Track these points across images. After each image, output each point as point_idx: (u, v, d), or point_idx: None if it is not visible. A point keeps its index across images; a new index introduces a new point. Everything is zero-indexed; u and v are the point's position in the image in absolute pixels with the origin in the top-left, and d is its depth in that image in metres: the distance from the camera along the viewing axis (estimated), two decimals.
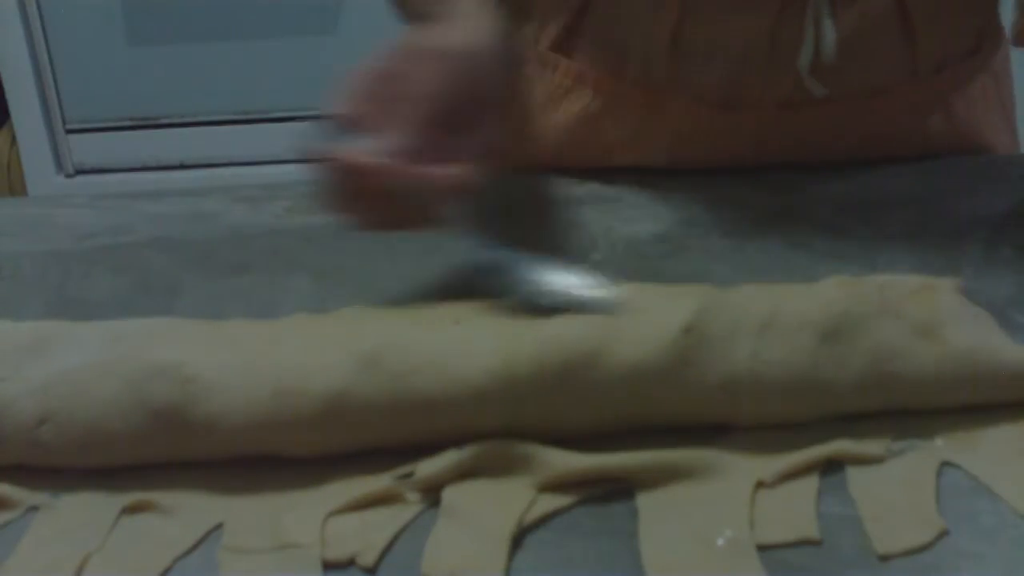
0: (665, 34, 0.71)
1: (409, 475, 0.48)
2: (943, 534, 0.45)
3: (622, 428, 0.50)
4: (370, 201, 0.53)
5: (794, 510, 0.46)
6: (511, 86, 0.63)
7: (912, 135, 0.76)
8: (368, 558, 0.45)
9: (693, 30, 0.71)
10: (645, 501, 0.47)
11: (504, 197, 0.58)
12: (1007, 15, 0.73)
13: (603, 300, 0.51)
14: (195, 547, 0.46)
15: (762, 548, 0.44)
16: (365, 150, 0.52)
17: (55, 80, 2.13)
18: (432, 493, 0.48)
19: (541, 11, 0.78)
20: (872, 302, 0.52)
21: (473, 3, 0.61)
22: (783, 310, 0.51)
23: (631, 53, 0.74)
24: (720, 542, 0.45)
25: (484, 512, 0.46)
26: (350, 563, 0.45)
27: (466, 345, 0.49)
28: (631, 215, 0.71)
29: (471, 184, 0.54)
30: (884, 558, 0.44)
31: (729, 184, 0.74)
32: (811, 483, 0.48)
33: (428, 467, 0.48)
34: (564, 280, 0.54)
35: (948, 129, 0.77)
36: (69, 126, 2.16)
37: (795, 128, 0.74)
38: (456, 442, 0.49)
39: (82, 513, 0.48)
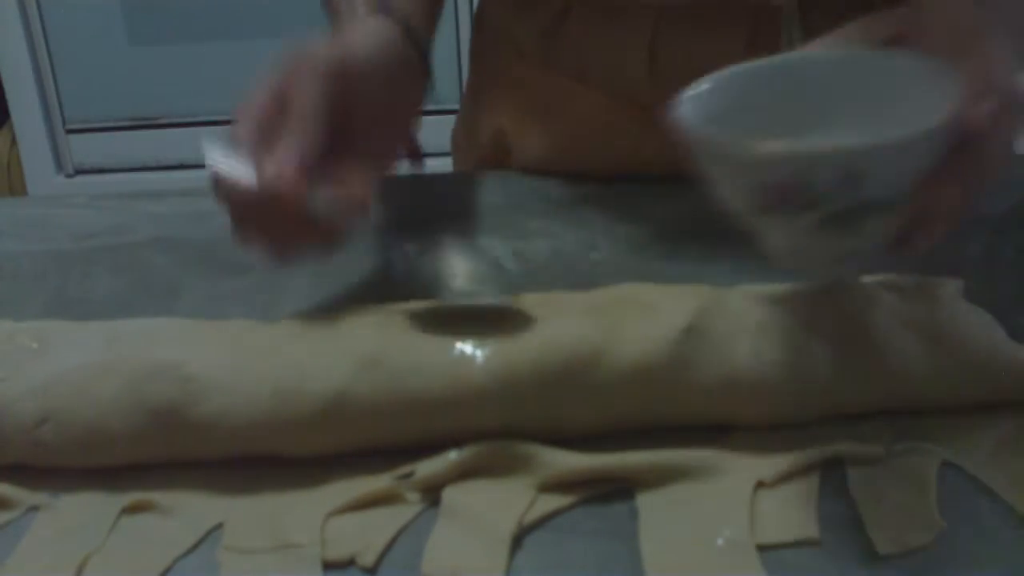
0: (641, 52, 0.71)
1: (409, 475, 0.48)
2: (943, 534, 0.45)
3: (622, 428, 0.50)
4: (272, 229, 0.53)
5: (794, 510, 0.46)
6: (407, 92, 0.62)
7: None
8: (368, 558, 0.45)
9: (668, 48, 0.71)
10: (645, 501, 0.47)
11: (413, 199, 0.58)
12: None
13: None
14: (195, 547, 0.46)
15: (762, 548, 0.44)
16: (257, 176, 0.51)
17: (55, 80, 2.13)
18: (432, 493, 0.48)
19: (514, 30, 0.77)
20: (872, 302, 0.52)
21: (373, 21, 0.60)
22: (783, 310, 0.51)
23: (609, 70, 0.73)
24: (720, 542, 0.45)
25: (484, 512, 0.46)
26: (350, 563, 0.45)
27: (466, 345, 0.49)
28: (631, 215, 0.71)
29: (366, 199, 0.53)
30: (884, 558, 0.44)
31: None
32: (811, 483, 0.48)
33: (428, 467, 0.48)
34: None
35: None
36: (69, 126, 2.16)
37: None
38: (456, 442, 0.49)
39: (82, 513, 0.48)
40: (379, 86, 0.57)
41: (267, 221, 0.52)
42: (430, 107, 0.65)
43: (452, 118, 0.89)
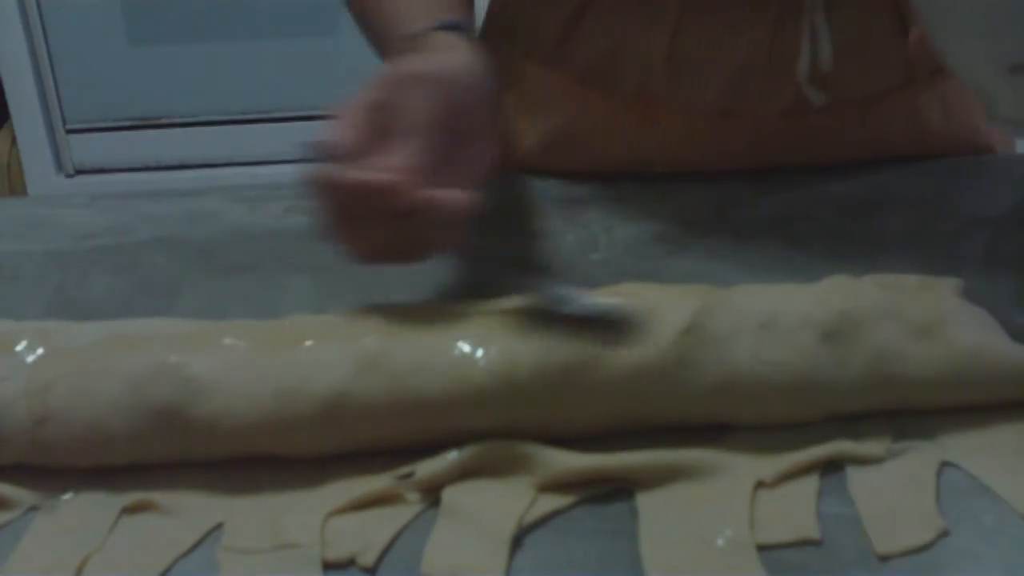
0: (662, 46, 0.71)
1: (409, 475, 0.48)
2: (943, 534, 0.45)
3: (622, 428, 0.50)
4: (375, 226, 0.52)
5: (794, 510, 0.46)
6: (497, 106, 0.62)
7: (912, 137, 0.76)
8: (368, 558, 0.45)
9: (690, 42, 0.71)
10: (645, 501, 0.47)
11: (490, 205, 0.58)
12: None
13: (618, 308, 0.50)
14: (195, 547, 0.46)
15: (762, 548, 0.44)
16: (371, 170, 0.51)
17: (55, 80, 2.13)
18: (432, 493, 0.48)
19: (529, 25, 0.77)
20: (872, 302, 0.52)
21: (448, 36, 0.60)
22: (783, 310, 0.51)
23: (626, 65, 0.74)
24: (720, 542, 0.45)
25: (484, 512, 0.46)
26: (350, 563, 0.45)
27: (466, 345, 0.49)
28: (631, 215, 0.71)
29: (475, 207, 0.53)
30: (884, 558, 0.44)
31: (729, 184, 0.74)
32: (811, 483, 0.48)
33: (428, 467, 0.48)
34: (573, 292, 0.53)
35: (948, 130, 0.77)
36: (69, 126, 2.16)
37: (795, 134, 0.74)
38: (456, 442, 0.49)
39: (82, 513, 0.48)
40: (478, 101, 0.58)
41: (368, 218, 0.52)
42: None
43: None
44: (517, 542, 0.45)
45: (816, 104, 0.72)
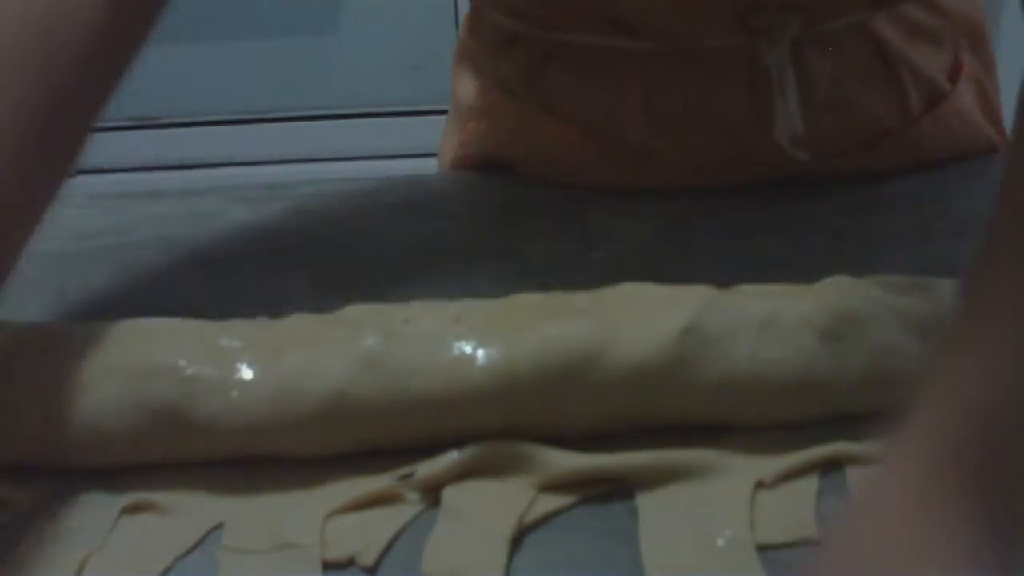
0: (635, 99, 0.70)
1: (409, 475, 0.48)
2: None
3: (622, 428, 0.50)
4: None
5: (794, 510, 0.46)
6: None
7: (915, 167, 0.74)
8: (368, 558, 0.45)
9: (664, 97, 0.70)
10: (645, 501, 0.47)
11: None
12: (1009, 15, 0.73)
13: None
14: (195, 547, 0.46)
15: (762, 548, 0.44)
16: None
17: None
18: (432, 493, 0.48)
19: (496, 63, 0.76)
20: (872, 302, 0.52)
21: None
22: (783, 310, 0.51)
23: (600, 113, 0.72)
24: (720, 542, 0.45)
25: (484, 512, 0.46)
26: (350, 563, 0.45)
27: (466, 345, 0.49)
28: (631, 215, 0.71)
29: None
30: None
31: (729, 184, 0.74)
32: (811, 483, 0.48)
33: (428, 467, 0.48)
34: None
35: (953, 155, 0.76)
36: None
37: (785, 175, 0.72)
38: (456, 442, 0.49)
39: (82, 513, 0.48)
40: None
41: None
42: (430, 107, 0.65)
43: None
44: (517, 542, 0.45)
45: (802, 160, 0.69)
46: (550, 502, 0.47)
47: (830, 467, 0.49)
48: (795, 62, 0.67)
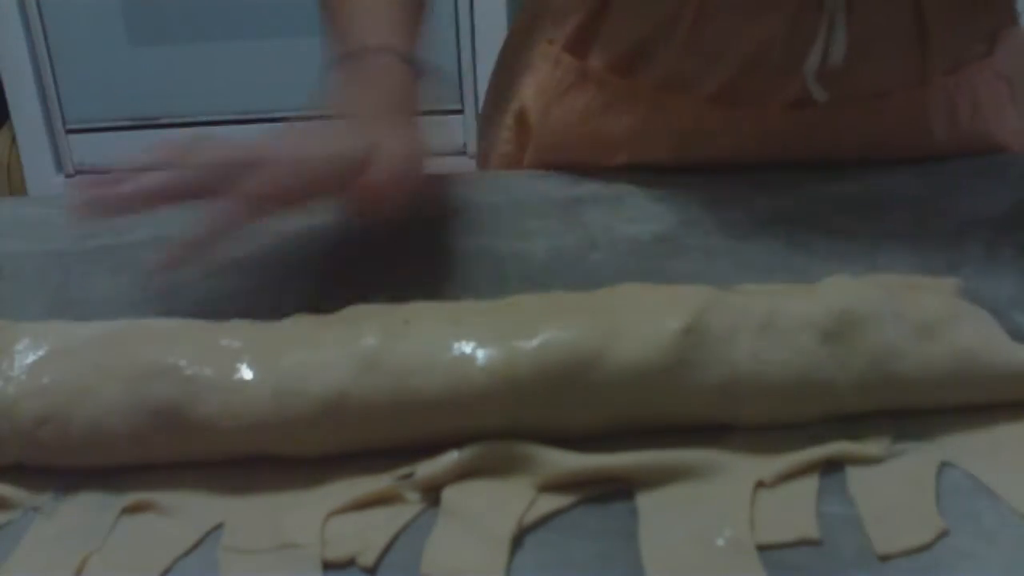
0: (680, 35, 0.72)
1: (409, 475, 0.48)
2: (943, 534, 0.45)
3: (622, 428, 0.50)
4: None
5: (794, 510, 0.46)
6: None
7: (914, 138, 0.76)
8: (368, 558, 0.45)
9: (707, 31, 0.71)
10: (645, 501, 0.47)
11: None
12: None
13: None
14: (195, 547, 0.46)
15: (762, 548, 0.44)
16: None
17: (55, 80, 2.13)
18: (432, 493, 0.48)
19: (555, 14, 0.78)
20: (872, 302, 0.52)
21: (386, 58, 0.65)
22: (783, 310, 0.51)
23: (643, 54, 0.74)
24: (720, 542, 0.45)
25: (484, 512, 0.46)
26: (350, 563, 0.45)
27: (466, 345, 0.49)
28: (631, 215, 0.71)
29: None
30: (884, 558, 0.44)
31: (729, 184, 0.74)
32: (811, 483, 0.48)
33: (428, 467, 0.48)
34: None
35: (952, 134, 0.77)
36: (69, 126, 2.16)
37: (798, 128, 0.74)
38: (456, 442, 0.49)
39: (82, 513, 0.48)
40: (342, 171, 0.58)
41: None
42: (431, 107, 0.65)
43: (453, 118, 0.89)
44: (517, 542, 0.45)
45: (819, 100, 0.72)
46: (550, 502, 0.47)
47: (830, 467, 0.49)
48: None
